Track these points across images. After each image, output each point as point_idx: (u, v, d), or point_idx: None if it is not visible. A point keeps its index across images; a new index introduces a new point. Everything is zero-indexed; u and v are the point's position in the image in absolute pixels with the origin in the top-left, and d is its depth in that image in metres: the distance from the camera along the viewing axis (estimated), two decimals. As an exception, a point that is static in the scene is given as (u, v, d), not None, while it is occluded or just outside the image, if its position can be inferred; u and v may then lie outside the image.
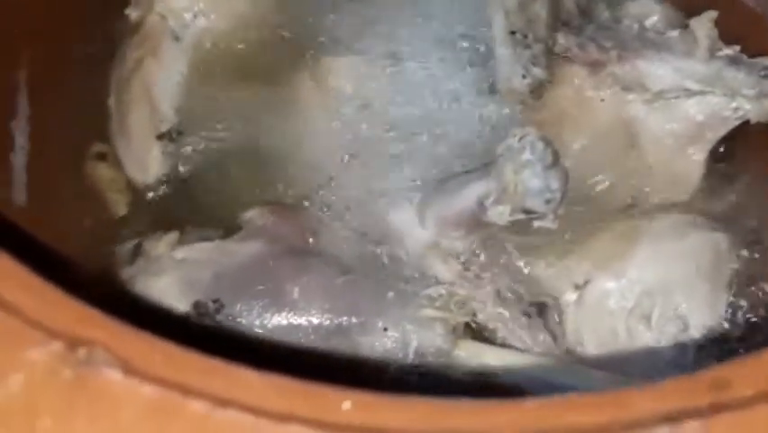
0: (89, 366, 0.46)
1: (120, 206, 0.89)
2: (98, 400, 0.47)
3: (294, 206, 0.87)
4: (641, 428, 0.46)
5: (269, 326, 0.80)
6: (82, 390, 0.46)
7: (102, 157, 0.92)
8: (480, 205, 0.78)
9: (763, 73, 0.87)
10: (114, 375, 0.47)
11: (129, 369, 0.46)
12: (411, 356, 0.80)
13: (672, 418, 0.45)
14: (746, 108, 0.87)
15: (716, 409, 0.46)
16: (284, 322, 0.80)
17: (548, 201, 0.76)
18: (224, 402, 0.46)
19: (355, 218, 0.87)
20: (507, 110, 0.88)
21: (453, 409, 0.47)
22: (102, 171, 0.91)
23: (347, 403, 0.46)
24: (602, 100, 0.90)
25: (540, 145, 0.75)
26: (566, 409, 0.47)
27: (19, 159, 0.88)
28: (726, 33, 0.92)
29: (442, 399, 0.48)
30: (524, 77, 0.85)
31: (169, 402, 0.46)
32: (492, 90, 0.88)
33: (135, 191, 0.91)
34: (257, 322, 0.80)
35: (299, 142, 0.90)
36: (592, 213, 0.87)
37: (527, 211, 0.76)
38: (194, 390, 0.46)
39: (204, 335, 0.78)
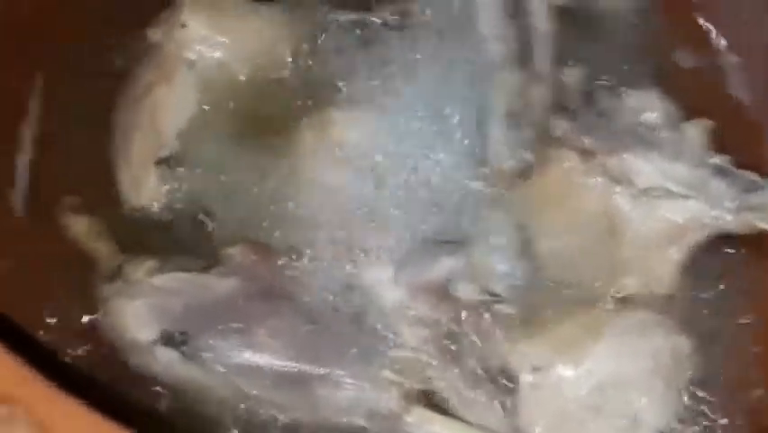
0: (5, 424, 0.47)
1: (102, 252, 0.91)
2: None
3: (275, 249, 0.89)
4: None
5: (232, 364, 0.83)
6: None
7: (76, 210, 0.93)
8: (449, 279, 0.80)
9: (747, 187, 0.89)
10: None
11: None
12: (363, 415, 0.82)
13: None
14: (726, 219, 0.89)
15: None
16: (247, 363, 0.83)
17: (512, 287, 0.78)
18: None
19: (334, 269, 0.89)
20: (494, 187, 0.90)
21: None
22: (77, 224, 0.92)
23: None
24: (590, 187, 0.92)
25: (512, 232, 0.77)
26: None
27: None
28: (724, 140, 0.95)
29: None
30: (512, 158, 0.87)
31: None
32: (483, 166, 0.90)
33: (126, 212, 0.93)
34: (220, 359, 0.83)
35: (291, 187, 0.93)
36: (562, 298, 0.89)
37: (492, 293, 0.78)
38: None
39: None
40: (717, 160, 0.91)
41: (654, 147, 0.92)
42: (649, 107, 0.97)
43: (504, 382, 0.86)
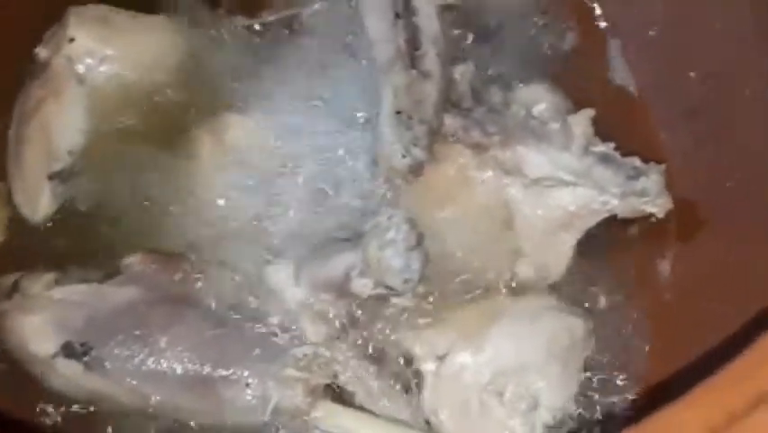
0: None
1: None
2: None
3: (176, 255, 0.90)
4: None
5: (135, 372, 0.83)
6: None
7: None
8: (347, 275, 0.82)
9: (631, 174, 0.92)
10: None
11: None
12: (269, 414, 0.82)
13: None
14: (613, 203, 0.92)
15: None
16: (150, 370, 0.83)
17: (406, 281, 0.80)
18: None
19: (236, 272, 0.90)
20: (388, 184, 0.92)
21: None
22: None
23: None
24: (483, 181, 0.94)
25: (405, 227, 0.79)
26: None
27: None
28: (613, 126, 0.98)
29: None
30: (403, 156, 0.88)
31: None
32: (376, 164, 0.91)
33: (22, 227, 0.92)
34: (123, 368, 0.83)
35: (190, 193, 0.93)
36: (461, 288, 0.91)
37: (388, 287, 0.80)
38: None
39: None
40: (603, 147, 0.94)
41: (544, 138, 0.95)
42: (538, 100, 1.00)
43: (408, 372, 0.87)
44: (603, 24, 1.11)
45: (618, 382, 0.92)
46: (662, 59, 1.05)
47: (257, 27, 1.03)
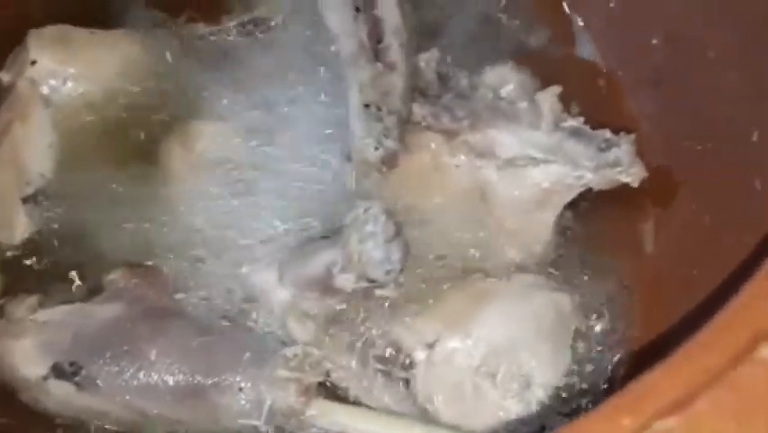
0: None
1: None
2: None
3: (157, 268, 0.90)
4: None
5: (127, 387, 0.83)
6: None
7: None
8: (329, 271, 0.82)
9: (602, 146, 0.93)
10: None
11: None
12: (264, 416, 0.83)
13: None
14: (588, 177, 0.92)
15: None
16: (141, 384, 0.83)
17: (388, 272, 0.80)
18: None
19: (219, 280, 0.90)
20: (362, 177, 0.92)
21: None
22: None
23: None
24: (457, 166, 0.95)
25: (382, 218, 0.79)
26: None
27: None
28: (583, 101, 0.99)
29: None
30: (376, 148, 0.89)
31: None
32: (349, 159, 0.92)
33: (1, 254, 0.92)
34: (115, 384, 0.83)
35: (165, 205, 0.93)
36: (446, 274, 0.92)
37: (370, 280, 0.80)
38: None
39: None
40: (572, 122, 0.94)
41: (513, 118, 0.95)
42: (505, 81, 1.00)
43: (399, 362, 0.88)
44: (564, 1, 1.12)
45: (607, 352, 0.92)
46: (624, 28, 1.06)
47: (220, 32, 1.02)
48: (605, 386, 0.91)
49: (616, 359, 0.92)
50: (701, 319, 0.58)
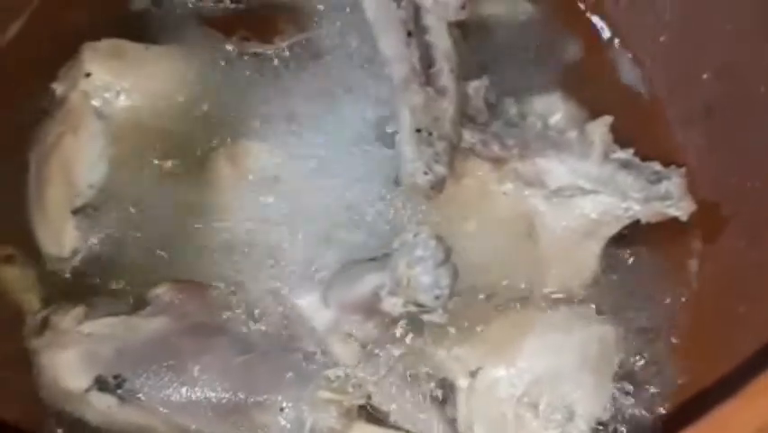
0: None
1: (33, 303, 0.90)
2: None
3: (203, 284, 0.90)
4: None
5: (169, 402, 0.83)
6: None
7: (8, 259, 0.92)
8: (376, 294, 0.82)
9: (651, 178, 0.93)
10: None
11: None
12: (305, 437, 0.82)
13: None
14: (636, 209, 0.92)
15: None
16: (184, 399, 0.83)
17: (437, 297, 0.80)
18: None
19: (263, 297, 0.90)
20: (411, 202, 0.92)
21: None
22: (8, 274, 0.92)
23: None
24: (504, 194, 0.95)
25: (432, 243, 0.79)
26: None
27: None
28: (628, 133, 0.98)
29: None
30: (425, 173, 0.89)
31: None
32: (399, 183, 0.92)
33: (48, 265, 0.92)
34: (157, 398, 0.83)
35: (212, 221, 0.93)
36: (490, 302, 0.92)
37: (418, 304, 0.80)
38: None
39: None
40: (622, 154, 0.94)
41: (563, 148, 0.95)
42: (553, 110, 1.00)
43: (441, 388, 0.87)
44: (609, 35, 1.12)
45: (650, 386, 0.92)
46: (674, 62, 1.06)
47: (269, 53, 1.03)
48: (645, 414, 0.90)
49: (657, 393, 0.91)
50: (748, 359, 0.57)
